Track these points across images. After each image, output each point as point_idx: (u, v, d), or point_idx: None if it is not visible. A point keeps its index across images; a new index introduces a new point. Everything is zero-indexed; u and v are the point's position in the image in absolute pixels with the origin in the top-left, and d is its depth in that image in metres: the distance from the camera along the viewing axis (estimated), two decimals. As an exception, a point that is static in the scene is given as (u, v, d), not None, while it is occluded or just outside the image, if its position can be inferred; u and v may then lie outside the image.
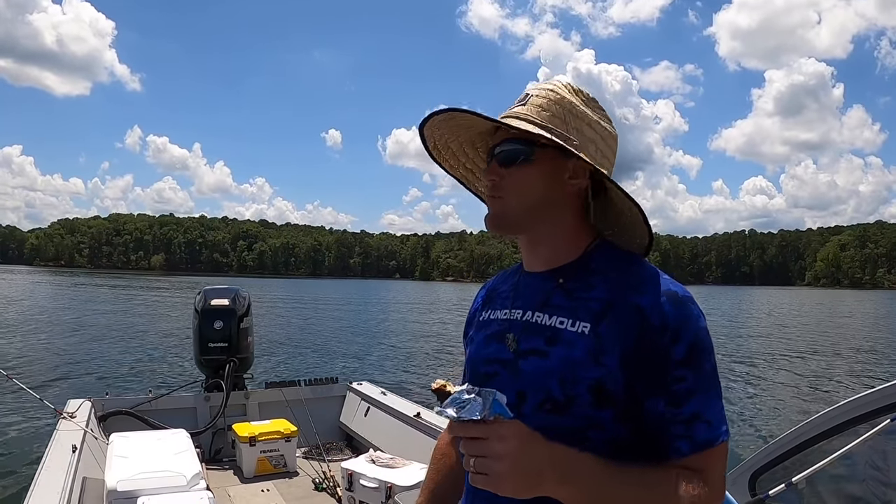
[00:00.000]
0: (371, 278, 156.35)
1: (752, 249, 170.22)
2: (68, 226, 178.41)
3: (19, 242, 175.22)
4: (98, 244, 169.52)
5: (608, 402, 0.85)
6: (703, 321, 0.88)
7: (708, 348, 0.87)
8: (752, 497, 1.96)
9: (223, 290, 4.96)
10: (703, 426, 0.85)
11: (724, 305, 47.40)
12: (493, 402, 0.71)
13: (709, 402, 0.85)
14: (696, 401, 0.85)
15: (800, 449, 1.89)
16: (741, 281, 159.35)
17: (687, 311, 0.87)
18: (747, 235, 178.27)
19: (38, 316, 22.73)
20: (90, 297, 37.03)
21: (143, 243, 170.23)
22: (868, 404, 1.72)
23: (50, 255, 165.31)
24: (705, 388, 0.86)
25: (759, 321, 32.26)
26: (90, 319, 22.01)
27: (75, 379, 10.57)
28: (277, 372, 11.42)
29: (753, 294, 79.33)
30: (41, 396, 3.84)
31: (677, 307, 0.86)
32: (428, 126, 0.98)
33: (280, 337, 18.19)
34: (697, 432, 0.84)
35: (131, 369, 11.80)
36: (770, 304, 52.61)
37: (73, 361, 12.41)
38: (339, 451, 4.58)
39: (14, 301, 30.44)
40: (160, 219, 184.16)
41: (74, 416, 3.61)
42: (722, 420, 0.87)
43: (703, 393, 0.85)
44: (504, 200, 0.93)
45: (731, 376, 12.87)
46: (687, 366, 0.84)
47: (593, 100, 0.97)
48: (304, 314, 29.68)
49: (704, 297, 62.15)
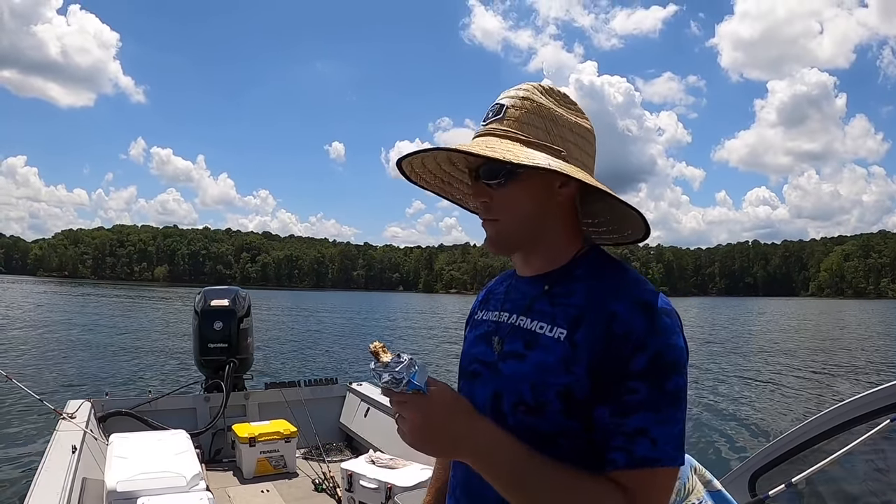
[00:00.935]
0: (374, 290, 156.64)
1: (756, 260, 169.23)
2: (72, 237, 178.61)
3: (23, 253, 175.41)
4: (102, 255, 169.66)
5: (577, 410, 0.83)
6: (675, 337, 0.83)
7: (673, 366, 0.81)
8: (752, 497, 1.96)
9: (223, 290, 4.96)
10: (647, 443, 0.79)
11: (726, 316, 47.25)
12: (407, 381, 0.78)
13: (660, 421, 0.80)
14: (644, 416, 0.80)
15: (800, 449, 1.89)
16: (745, 292, 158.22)
17: (658, 322, 0.82)
18: (751, 246, 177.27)
19: (38, 320, 22.75)
20: (92, 305, 37.08)
21: (147, 255, 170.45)
22: (868, 404, 1.72)
23: (53, 266, 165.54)
24: (659, 406, 0.80)
25: (760, 330, 32.17)
26: (91, 322, 22.03)
27: (75, 380, 10.57)
28: (278, 373, 11.42)
29: (757, 305, 78.96)
30: (41, 397, 3.84)
31: (648, 317, 0.82)
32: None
33: (280, 339, 18.20)
34: (638, 447, 0.79)
35: (131, 370, 11.80)
36: (772, 314, 52.45)
37: (73, 363, 12.42)
38: (339, 451, 4.58)
39: (15, 307, 30.45)
40: (164, 230, 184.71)
41: (74, 417, 3.61)
42: (673, 445, 0.80)
43: (654, 411, 0.80)
44: (500, 223, 0.93)
45: (731, 380, 12.88)
46: (643, 379, 0.80)
47: (565, 96, 0.95)
48: (306, 321, 29.78)
49: (709, 309, 62.30)
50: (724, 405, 10.37)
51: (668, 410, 0.80)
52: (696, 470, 1.46)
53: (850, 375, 14.24)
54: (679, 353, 0.83)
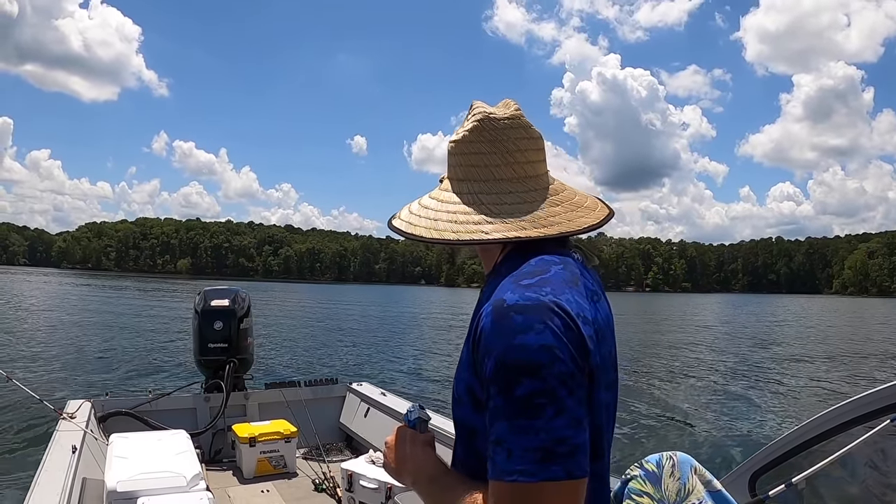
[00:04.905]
0: (396, 284, 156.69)
1: (779, 257, 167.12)
2: (96, 229, 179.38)
3: (47, 245, 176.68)
4: (125, 248, 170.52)
5: (482, 409, 0.81)
6: (523, 336, 0.75)
7: (520, 369, 0.74)
8: (752, 497, 1.96)
9: (223, 290, 4.96)
10: (503, 454, 0.74)
11: (744, 313, 46.67)
12: (411, 419, 1.03)
13: (515, 431, 0.73)
14: (501, 425, 0.75)
15: (800, 449, 1.89)
16: (768, 289, 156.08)
17: (504, 322, 0.77)
18: (774, 243, 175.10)
19: (39, 317, 22.75)
20: (108, 298, 37.10)
21: (170, 247, 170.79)
22: (868, 405, 1.72)
23: (77, 258, 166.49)
24: (510, 414, 0.74)
25: (775, 328, 31.74)
26: (94, 320, 22.03)
27: (75, 379, 10.57)
28: (278, 373, 11.42)
29: (778, 303, 77.75)
30: (41, 397, 3.84)
31: (495, 316, 0.78)
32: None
33: (280, 338, 18.20)
34: (497, 458, 0.75)
35: (131, 370, 11.80)
36: (791, 312, 51.63)
37: (73, 362, 12.41)
38: (339, 451, 4.59)
39: (21, 302, 30.44)
40: (187, 223, 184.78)
41: (74, 417, 3.61)
42: (530, 459, 0.72)
43: (507, 419, 0.74)
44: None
45: (737, 379, 12.86)
46: (493, 384, 0.76)
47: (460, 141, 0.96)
48: (319, 316, 29.68)
49: (729, 306, 61.28)
50: (724, 405, 10.37)
51: (521, 419, 0.73)
52: (696, 470, 1.46)
53: (866, 376, 14.13)
54: (527, 353, 0.74)
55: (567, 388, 0.74)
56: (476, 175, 0.94)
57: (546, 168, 0.98)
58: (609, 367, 0.88)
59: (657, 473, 1.44)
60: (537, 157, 0.96)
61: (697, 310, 52.53)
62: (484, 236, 0.90)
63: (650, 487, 1.42)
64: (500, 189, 0.93)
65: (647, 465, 1.47)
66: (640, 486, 1.43)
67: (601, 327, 0.86)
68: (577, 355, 0.77)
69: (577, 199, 0.97)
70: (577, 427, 0.74)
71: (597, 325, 0.84)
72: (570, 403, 0.74)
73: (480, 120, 0.93)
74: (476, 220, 0.91)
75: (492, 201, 0.93)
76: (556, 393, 0.74)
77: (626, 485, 1.47)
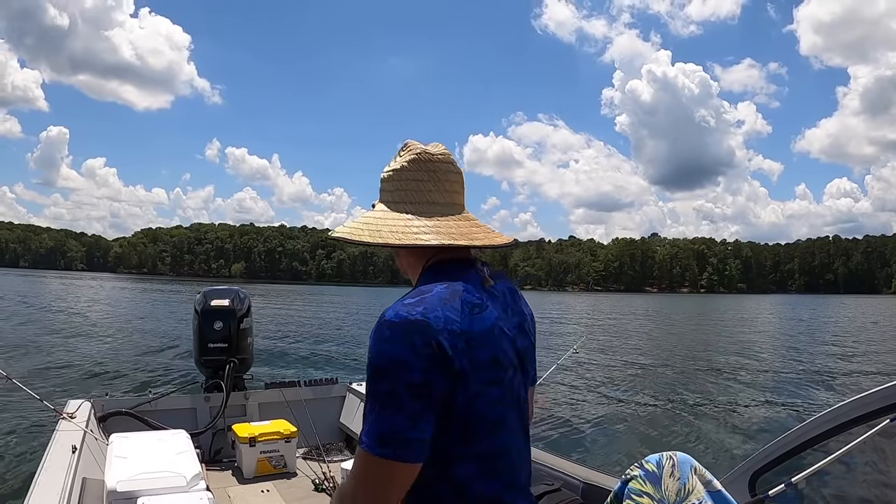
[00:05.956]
0: None
1: (837, 256, 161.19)
2: (151, 235, 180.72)
3: (104, 251, 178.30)
4: (180, 252, 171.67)
5: None
6: (384, 346, 0.98)
7: (376, 370, 0.98)
8: (752, 497, 1.96)
9: (223, 290, 4.96)
10: (365, 427, 1.00)
11: (800, 315, 44.00)
12: None
13: (370, 413, 0.99)
14: (367, 406, 1.01)
15: (800, 449, 1.89)
16: (825, 289, 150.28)
17: (378, 332, 1.00)
18: (831, 241, 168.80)
19: (40, 317, 22.74)
20: (139, 300, 36.90)
21: (224, 252, 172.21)
22: (868, 405, 1.72)
23: (133, 263, 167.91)
24: (370, 400, 1.00)
25: (817, 329, 30.09)
26: (101, 321, 22.02)
27: (75, 379, 10.56)
28: (278, 372, 11.41)
29: (834, 303, 74.78)
30: (41, 397, 3.83)
31: (376, 326, 1.01)
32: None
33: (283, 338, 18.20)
34: (363, 427, 1.01)
35: (131, 370, 11.79)
36: (842, 313, 48.43)
37: (73, 362, 12.40)
38: (339, 451, 4.58)
39: (48, 304, 30.36)
40: (240, 228, 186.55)
41: (74, 417, 3.60)
42: (371, 436, 0.97)
43: (368, 403, 1.00)
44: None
45: (753, 382, 12.76)
46: (367, 375, 1.00)
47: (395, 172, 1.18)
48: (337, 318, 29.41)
49: (789, 307, 59.09)
50: (726, 405, 10.36)
51: (375, 407, 0.98)
52: (696, 470, 1.46)
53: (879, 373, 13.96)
54: (385, 360, 0.98)
55: (411, 393, 0.96)
56: (412, 198, 1.14)
57: (464, 200, 1.21)
58: (489, 366, 1.03)
59: (657, 473, 1.44)
60: (460, 189, 1.19)
61: (744, 313, 48.18)
62: (423, 242, 1.09)
63: (650, 487, 1.42)
64: (432, 211, 1.13)
65: (648, 465, 1.47)
66: (640, 486, 1.43)
67: (476, 335, 1.01)
68: (431, 366, 0.96)
69: (489, 226, 1.20)
70: (412, 423, 0.96)
71: (469, 334, 1.01)
72: (410, 405, 0.96)
73: (419, 153, 1.16)
74: (415, 230, 1.10)
75: (426, 217, 1.13)
76: (399, 395, 0.96)
77: (627, 485, 1.47)
